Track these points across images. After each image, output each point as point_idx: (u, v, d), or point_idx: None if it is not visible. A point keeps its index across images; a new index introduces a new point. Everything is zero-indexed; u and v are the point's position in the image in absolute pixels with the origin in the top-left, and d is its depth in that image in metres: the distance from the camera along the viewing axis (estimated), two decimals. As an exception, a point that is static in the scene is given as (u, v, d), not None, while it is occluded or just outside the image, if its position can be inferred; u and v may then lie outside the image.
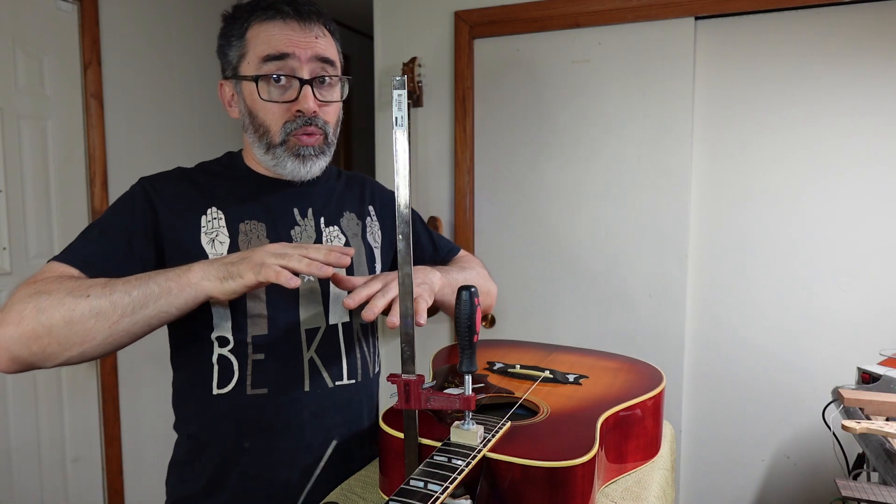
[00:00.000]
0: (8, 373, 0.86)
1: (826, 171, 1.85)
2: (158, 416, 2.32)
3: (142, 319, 0.79)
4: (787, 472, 1.96)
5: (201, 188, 0.98)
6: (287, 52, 0.91)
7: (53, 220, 1.96)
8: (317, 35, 0.94)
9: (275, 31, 0.92)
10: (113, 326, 0.78)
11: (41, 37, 1.90)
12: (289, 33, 0.92)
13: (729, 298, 1.98)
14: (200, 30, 2.46)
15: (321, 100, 0.95)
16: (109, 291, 0.78)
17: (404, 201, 0.71)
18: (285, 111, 0.93)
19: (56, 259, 0.86)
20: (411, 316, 0.73)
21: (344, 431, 0.98)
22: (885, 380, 1.45)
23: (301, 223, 0.99)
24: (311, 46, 0.93)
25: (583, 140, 2.08)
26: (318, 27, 0.95)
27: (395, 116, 0.70)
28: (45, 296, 0.77)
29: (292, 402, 0.94)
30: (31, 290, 0.79)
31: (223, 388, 0.93)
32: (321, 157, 0.97)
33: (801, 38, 1.84)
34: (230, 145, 2.61)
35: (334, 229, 1.03)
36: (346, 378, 0.99)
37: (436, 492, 0.58)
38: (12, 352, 0.78)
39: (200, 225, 0.94)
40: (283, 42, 0.92)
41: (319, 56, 0.94)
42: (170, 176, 1.00)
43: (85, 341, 0.78)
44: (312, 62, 0.93)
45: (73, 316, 0.77)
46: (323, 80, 0.95)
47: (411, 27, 2.26)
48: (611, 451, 0.80)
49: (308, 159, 0.95)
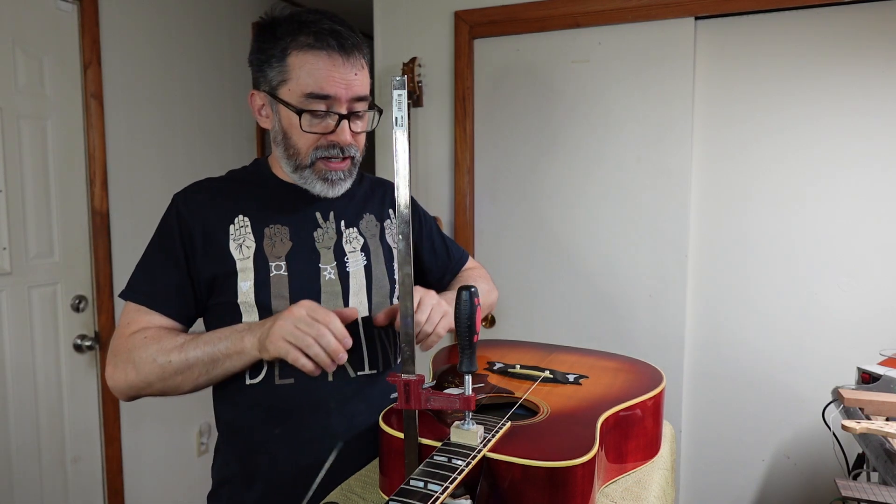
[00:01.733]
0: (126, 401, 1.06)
1: (826, 171, 1.85)
2: (158, 416, 2.32)
3: (215, 376, 0.96)
4: (787, 472, 1.96)
5: (229, 197, 1.05)
6: (330, 94, 0.96)
7: (53, 220, 1.96)
8: (356, 72, 0.98)
9: (319, 66, 0.95)
10: (195, 382, 0.96)
11: (41, 37, 1.90)
12: (332, 71, 0.95)
13: (729, 298, 1.98)
14: (200, 30, 2.46)
15: (355, 131, 1.00)
16: (184, 354, 0.94)
17: (404, 201, 0.71)
18: (318, 138, 0.99)
19: (129, 299, 1.02)
20: (411, 316, 0.73)
21: (367, 419, 1.03)
22: (885, 380, 1.45)
23: (323, 226, 1.06)
24: (352, 87, 0.97)
25: (583, 140, 2.08)
26: (359, 60, 0.99)
27: (395, 116, 0.70)
28: (137, 353, 0.96)
29: (317, 391, 1.01)
30: (126, 343, 0.98)
31: (254, 379, 1.01)
32: (348, 179, 1.04)
33: (801, 38, 1.84)
34: (230, 145, 2.61)
35: (353, 231, 1.09)
36: (367, 368, 1.05)
37: (436, 492, 0.58)
38: (125, 394, 1.00)
39: (229, 233, 1.02)
40: (328, 82, 0.95)
41: (357, 96, 0.99)
42: (200, 188, 1.07)
43: (178, 390, 0.97)
44: (351, 101, 0.98)
45: (163, 375, 0.95)
46: (358, 113, 1.00)
47: (411, 27, 2.26)
48: (611, 451, 0.80)
49: (336, 183, 1.03)
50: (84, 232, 2.05)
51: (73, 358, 2.04)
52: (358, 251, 1.07)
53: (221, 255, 1.00)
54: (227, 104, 2.60)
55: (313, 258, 1.03)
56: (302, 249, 1.03)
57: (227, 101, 2.60)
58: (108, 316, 2.10)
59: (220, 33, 2.56)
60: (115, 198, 2.12)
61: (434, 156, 2.27)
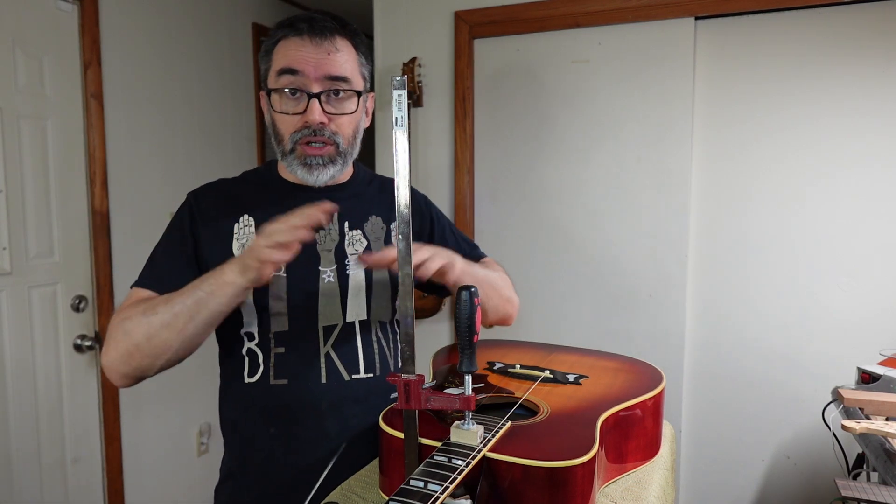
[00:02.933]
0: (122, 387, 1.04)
1: (826, 171, 1.85)
2: (158, 416, 2.32)
3: (201, 322, 0.92)
4: (787, 472, 1.96)
5: (237, 198, 1.08)
6: (297, 69, 0.97)
7: (53, 220, 1.96)
8: (329, 51, 0.99)
9: (291, 48, 0.98)
10: (181, 333, 0.92)
11: (41, 37, 1.90)
12: (302, 50, 0.98)
13: (729, 298, 1.98)
14: (200, 30, 2.46)
15: (332, 112, 1.00)
16: (170, 305, 0.92)
17: (404, 201, 0.71)
18: (296, 122, 0.99)
19: (135, 285, 1.02)
20: (411, 316, 0.73)
21: (362, 421, 1.03)
22: (885, 380, 1.45)
23: (326, 228, 1.06)
24: (322, 64, 0.98)
25: (583, 140, 2.08)
26: (334, 43, 0.99)
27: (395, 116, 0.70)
28: (128, 321, 0.94)
29: (310, 392, 1.01)
30: (118, 318, 0.96)
31: (252, 378, 1.03)
32: (330, 166, 1.02)
33: (801, 38, 1.84)
34: (230, 145, 2.61)
35: (357, 233, 1.08)
36: (363, 372, 1.04)
37: (436, 492, 0.58)
38: (119, 370, 0.95)
39: (233, 231, 1.04)
40: (296, 59, 0.97)
41: (329, 75, 0.98)
42: (212, 188, 1.11)
43: (166, 350, 0.93)
44: (322, 79, 0.98)
45: (149, 331, 0.92)
46: (337, 92, 1.00)
47: (411, 27, 2.26)
48: (611, 451, 0.80)
49: (315, 168, 1.01)
50: (84, 232, 2.05)
51: (73, 358, 2.04)
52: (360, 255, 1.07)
53: (224, 253, 1.01)
54: (227, 104, 2.60)
55: (313, 261, 1.04)
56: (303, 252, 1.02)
57: (227, 101, 2.60)
58: (108, 316, 2.10)
59: (220, 33, 2.56)
60: (115, 198, 2.12)
61: (434, 156, 2.27)
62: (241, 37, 2.67)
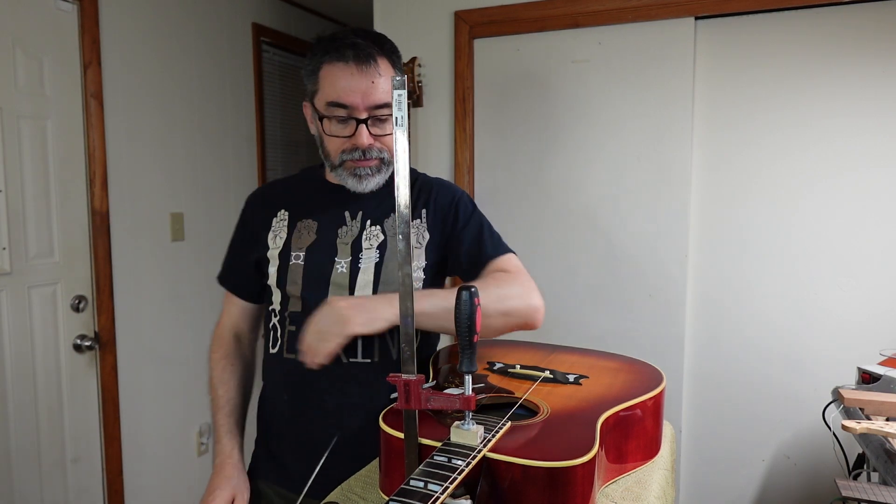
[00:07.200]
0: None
1: (826, 171, 1.85)
2: (158, 416, 2.32)
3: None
4: (787, 472, 1.96)
5: (280, 195, 1.21)
6: (346, 104, 1.05)
7: (53, 220, 1.96)
8: (373, 79, 1.05)
9: (338, 77, 1.05)
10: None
11: (41, 37, 1.90)
12: (349, 81, 1.04)
13: (729, 298, 1.98)
14: (200, 30, 2.46)
15: (378, 134, 1.08)
16: (212, 403, 1.24)
17: (404, 201, 0.71)
18: (344, 142, 1.09)
19: (219, 278, 1.27)
20: (411, 316, 0.73)
21: (360, 400, 1.09)
22: (885, 380, 1.45)
23: (349, 224, 1.14)
24: (368, 94, 1.05)
25: (583, 140, 2.08)
26: (378, 68, 1.06)
27: (395, 116, 0.70)
28: (211, 371, 1.26)
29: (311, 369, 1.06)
30: (215, 344, 1.28)
31: (273, 349, 1.16)
32: (377, 175, 1.11)
33: (801, 38, 1.84)
34: (230, 145, 2.61)
35: (376, 228, 1.14)
36: (360, 357, 1.10)
37: (436, 492, 0.58)
38: None
39: (271, 224, 1.17)
40: (345, 92, 1.05)
41: (375, 104, 1.06)
42: (263, 187, 1.29)
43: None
44: (369, 108, 1.06)
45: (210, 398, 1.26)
46: (381, 117, 1.09)
47: (411, 27, 2.26)
48: (611, 451, 0.80)
49: (364, 178, 1.11)
50: (84, 232, 2.05)
51: (72, 358, 2.04)
52: (374, 248, 1.11)
53: (262, 243, 1.16)
54: (227, 104, 2.60)
55: (331, 252, 1.12)
56: (323, 243, 1.12)
57: (227, 100, 2.60)
58: (107, 316, 2.10)
59: (219, 33, 2.56)
60: (115, 198, 2.12)
61: (434, 156, 2.27)
62: (241, 37, 2.67)
